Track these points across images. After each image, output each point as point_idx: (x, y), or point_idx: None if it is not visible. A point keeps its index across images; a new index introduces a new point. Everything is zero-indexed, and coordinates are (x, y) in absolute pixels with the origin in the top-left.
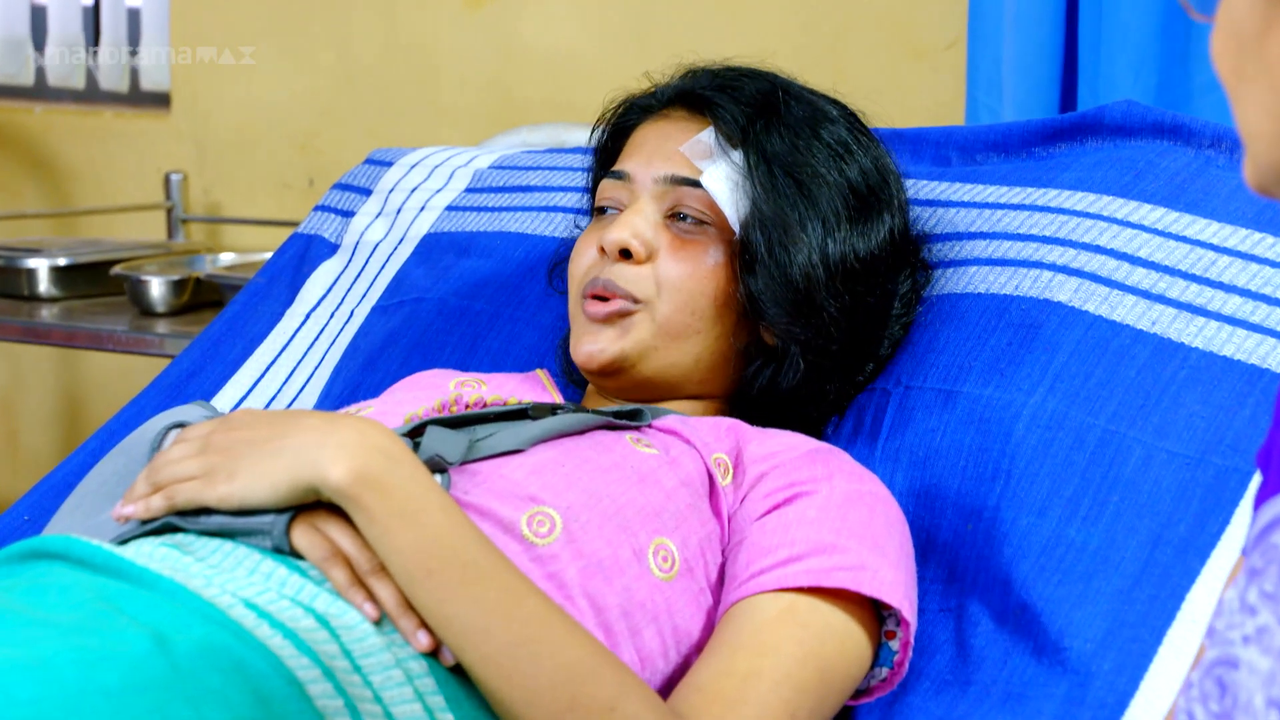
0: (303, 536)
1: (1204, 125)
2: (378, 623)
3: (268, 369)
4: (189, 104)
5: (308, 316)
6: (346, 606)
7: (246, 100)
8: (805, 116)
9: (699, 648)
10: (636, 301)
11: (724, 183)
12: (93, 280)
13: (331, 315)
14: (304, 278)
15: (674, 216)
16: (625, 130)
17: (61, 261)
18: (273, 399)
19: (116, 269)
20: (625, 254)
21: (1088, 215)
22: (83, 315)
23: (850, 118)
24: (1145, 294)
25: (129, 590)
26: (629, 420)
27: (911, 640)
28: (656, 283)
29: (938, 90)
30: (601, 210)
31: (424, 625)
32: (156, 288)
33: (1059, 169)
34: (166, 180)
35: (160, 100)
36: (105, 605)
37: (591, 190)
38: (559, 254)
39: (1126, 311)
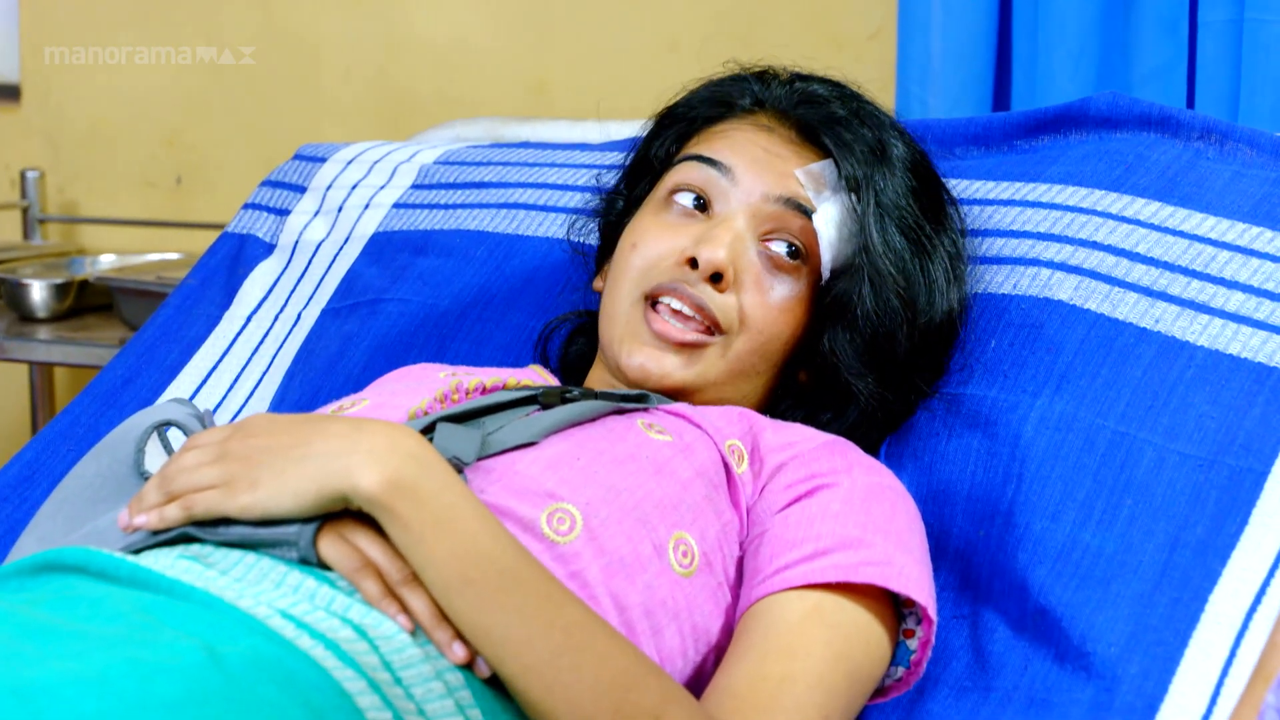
0: (331, 547)
1: (1192, 117)
2: (412, 633)
3: (210, 374)
4: (40, 96)
5: (249, 319)
6: (381, 617)
7: (105, 92)
8: (907, 163)
9: (716, 646)
10: (717, 331)
11: (832, 227)
12: None
13: (276, 318)
14: (240, 279)
15: (766, 239)
16: (707, 119)
17: None
18: (219, 404)
19: None
20: (714, 276)
21: (1081, 210)
22: None
23: (925, 157)
24: (1147, 291)
25: (165, 603)
26: (636, 403)
27: (932, 639)
28: (740, 315)
29: (861, 82)
30: (672, 193)
31: (459, 636)
32: (38, 292)
33: (1045, 163)
34: (22, 177)
35: (8, 93)
36: (145, 618)
37: (637, 163)
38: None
39: (1129, 310)
